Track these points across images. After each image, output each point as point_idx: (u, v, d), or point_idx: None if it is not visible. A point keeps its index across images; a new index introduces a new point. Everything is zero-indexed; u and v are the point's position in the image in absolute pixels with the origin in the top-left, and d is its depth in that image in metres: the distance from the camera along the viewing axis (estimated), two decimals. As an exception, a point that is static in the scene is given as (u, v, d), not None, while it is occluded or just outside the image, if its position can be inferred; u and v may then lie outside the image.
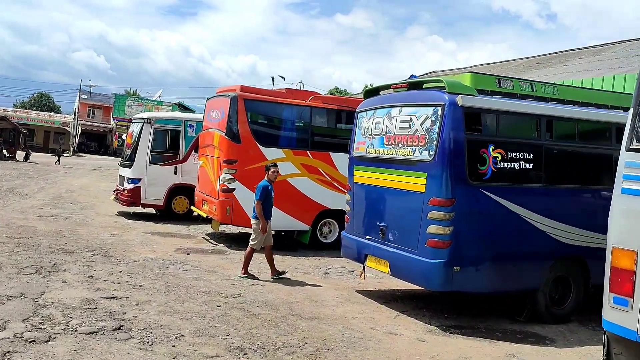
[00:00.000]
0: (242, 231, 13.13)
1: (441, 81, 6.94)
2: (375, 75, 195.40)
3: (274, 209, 11.30)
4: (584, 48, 24.95)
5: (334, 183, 11.80)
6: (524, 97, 7.45)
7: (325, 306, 7.37)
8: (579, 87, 8.77)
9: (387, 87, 8.16)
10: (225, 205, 11.15)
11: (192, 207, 13.23)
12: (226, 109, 11.30)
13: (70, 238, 10.65)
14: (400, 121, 7.31)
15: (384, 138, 7.61)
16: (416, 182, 6.94)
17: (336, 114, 12.12)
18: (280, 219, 11.46)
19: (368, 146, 7.96)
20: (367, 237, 7.83)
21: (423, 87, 7.49)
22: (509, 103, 7.12)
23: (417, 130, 7.00)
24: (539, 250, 7.21)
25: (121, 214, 15.17)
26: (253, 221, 8.65)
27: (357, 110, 8.46)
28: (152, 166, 14.50)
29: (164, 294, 7.19)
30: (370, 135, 7.95)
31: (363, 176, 8.05)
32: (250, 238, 8.70)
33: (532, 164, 7.14)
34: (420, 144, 6.93)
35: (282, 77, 18.77)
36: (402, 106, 7.35)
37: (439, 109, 6.73)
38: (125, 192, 14.56)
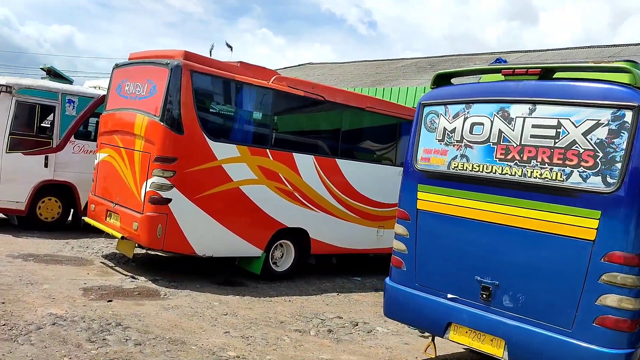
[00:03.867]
0: (151, 252, 9.48)
1: (624, 69, 4.50)
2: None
3: (221, 228, 8.18)
4: (448, 56, 24.88)
5: (296, 193, 8.89)
6: None
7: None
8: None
9: (487, 71, 5.55)
10: (155, 223, 7.60)
11: (84, 219, 9.24)
12: (162, 84, 7.72)
13: None
14: (535, 125, 4.75)
15: (494, 149, 4.99)
16: (575, 224, 4.45)
17: (304, 103, 9.16)
18: (226, 242, 8.27)
19: (454, 158, 5.27)
20: (450, 295, 5.17)
21: (554, 76, 5.03)
22: None
23: (574, 141, 4.51)
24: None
25: (-46, 219, 10.46)
26: None
27: (421, 102, 5.70)
28: (11, 154, 10.08)
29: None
30: (457, 141, 5.26)
31: (441, 202, 5.34)
32: None
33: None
34: (584, 163, 4.46)
35: (230, 47, 11.14)
36: (535, 102, 4.80)
37: (628, 113, 4.30)
38: (-34, 190, 9.93)
